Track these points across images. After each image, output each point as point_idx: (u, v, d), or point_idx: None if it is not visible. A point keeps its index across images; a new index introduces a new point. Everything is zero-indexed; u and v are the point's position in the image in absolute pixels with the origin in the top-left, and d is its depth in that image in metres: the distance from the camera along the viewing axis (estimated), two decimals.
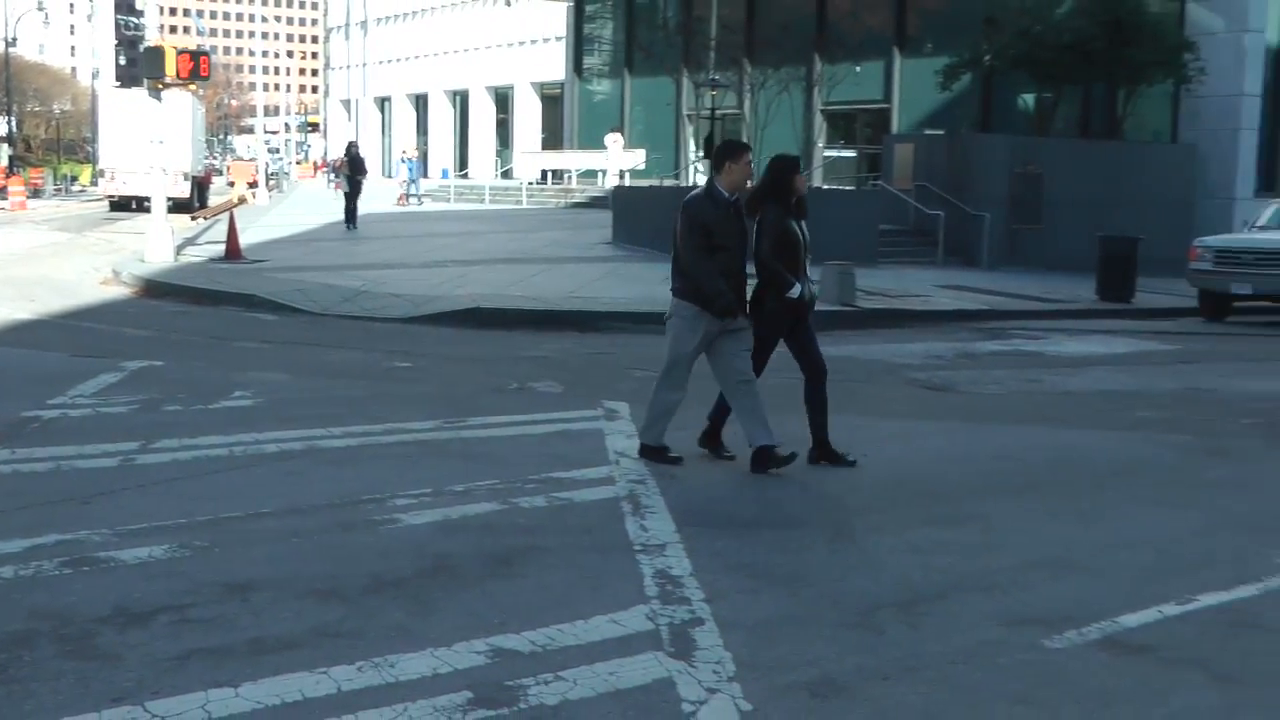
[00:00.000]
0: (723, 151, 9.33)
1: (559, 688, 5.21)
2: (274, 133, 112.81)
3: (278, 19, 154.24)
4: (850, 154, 44.99)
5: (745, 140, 22.15)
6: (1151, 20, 34.02)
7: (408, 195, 49.46)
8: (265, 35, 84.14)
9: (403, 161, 52.30)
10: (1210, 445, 11.48)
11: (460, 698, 5.08)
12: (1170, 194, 34.67)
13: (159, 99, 25.90)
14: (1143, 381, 15.39)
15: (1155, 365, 17.15)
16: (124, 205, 45.30)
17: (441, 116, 78.93)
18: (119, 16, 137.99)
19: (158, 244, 24.44)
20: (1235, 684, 5.80)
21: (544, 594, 6.37)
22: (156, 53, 24.56)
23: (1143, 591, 6.96)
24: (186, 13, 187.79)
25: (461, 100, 76.71)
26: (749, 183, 9.42)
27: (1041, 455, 10.54)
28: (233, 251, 24.86)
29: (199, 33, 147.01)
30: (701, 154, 41.30)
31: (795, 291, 9.28)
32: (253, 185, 52.68)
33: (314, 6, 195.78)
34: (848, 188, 39.14)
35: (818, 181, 41.75)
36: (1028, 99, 38.64)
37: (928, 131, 37.02)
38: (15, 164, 69.96)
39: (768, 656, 5.70)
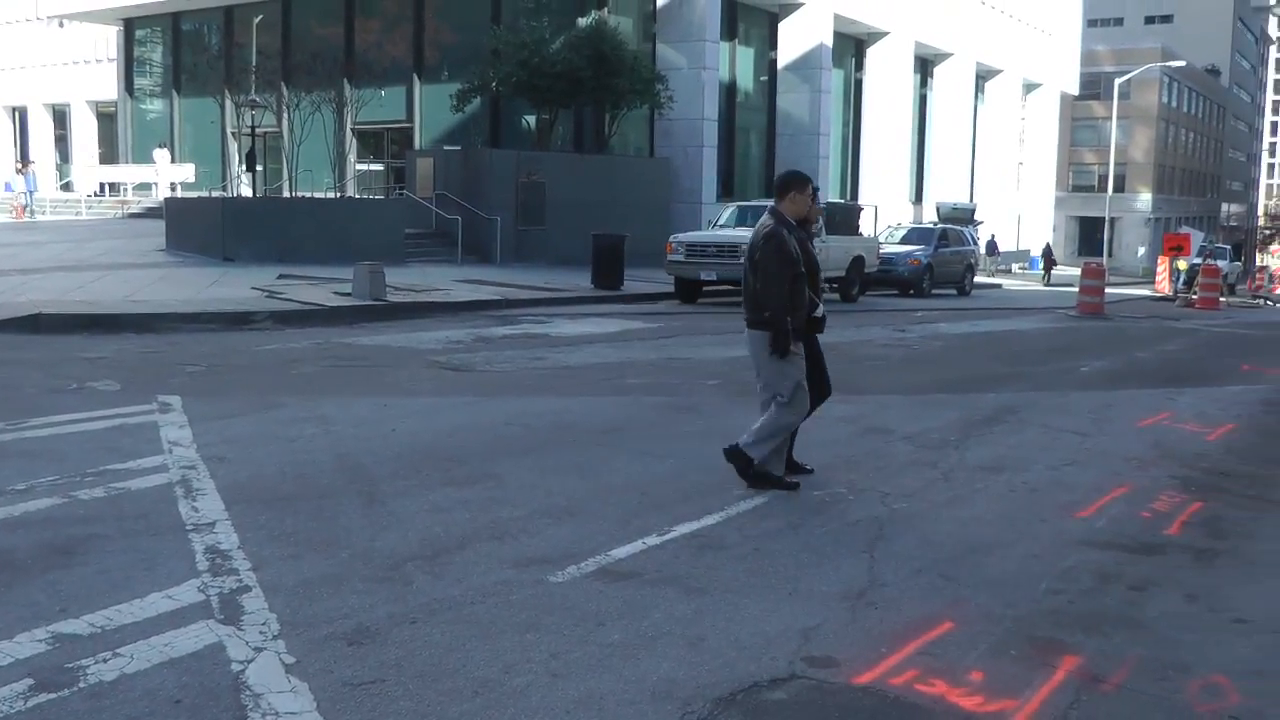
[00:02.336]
0: (789, 181, 8.43)
1: (117, 664, 4.90)
2: None
3: None
4: (379, 167, 44.65)
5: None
6: (629, 56, 35.32)
7: (25, 208, 44.95)
8: None
9: (18, 173, 47.67)
10: (683, 404, 12.02)
11: (21, 685, 4.68)
12: (650, 199, 36.22)
13: None
14: (630, 354, 15.93)
15: (640, 341, 17.77)
16: None
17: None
18: None
19: None
20: (703, 594, 6.10)
21: (103, 579, 5.98)
22: None
23: (629, 527, 7.21)
24: None
25: (20, 116, 71.26)
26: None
27: (546, 420, 10.72)
28: None
29: None
30: (244, 167, 40.06)
31: (818, 311, 8.58)
32: None
33: None
34: (378, 197, 38.81)
35: (351, 192, 41.21)
36: (530, 119, 39.35)
37: (446, 147, 37.13)
38: None
39: (308, 613, 5.57)
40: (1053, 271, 55.46)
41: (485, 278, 26.47)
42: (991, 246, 58.44)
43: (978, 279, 39.77)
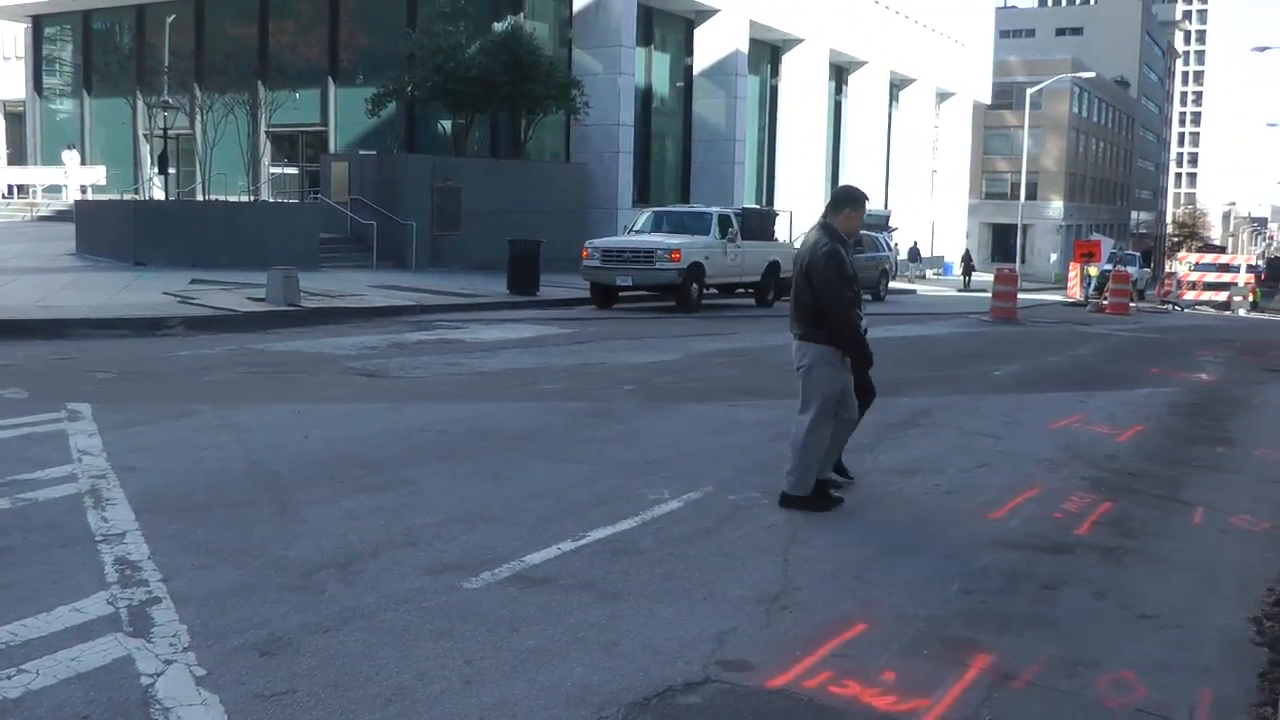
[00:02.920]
0: (847, 198, 8.36)
1: (21, 680, 4.79)
2: None
3: None
4: (294, 171, 44.24)
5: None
6: (545, 61, 35.32)
7: None
8: None
9: None
10: (598, 409, 12.02)
11: None
12: (566, 204, 36.21)
13: None
14: (545, 360, 15.91)
15: (555, 346, 17.75)
16: None
17: None
18: None
19: None
20: (618, 599, 6.10)
21: (9, 592, 5.83)
22: None
23: (544, 533, 7.19)
24: None
25: None
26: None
27: (461, 426, 10.67)
28: None
29: None
30: (157, 170, 39.53)
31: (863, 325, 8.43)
32: None
33: None
34: (292, 201, 38.43)
35: (265, 196, 40.83)
36: (446, 124, 39.17)
37: (361, 151, 36.92)
38: None
39: (219, 624, 5.48)
40: (971, 276, 56.21)
41: (401, 283, 26.30)
42: (914, 253, 59.46)
43: (893, 284, 40.18)
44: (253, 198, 35.80)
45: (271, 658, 5.13)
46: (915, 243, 61.10)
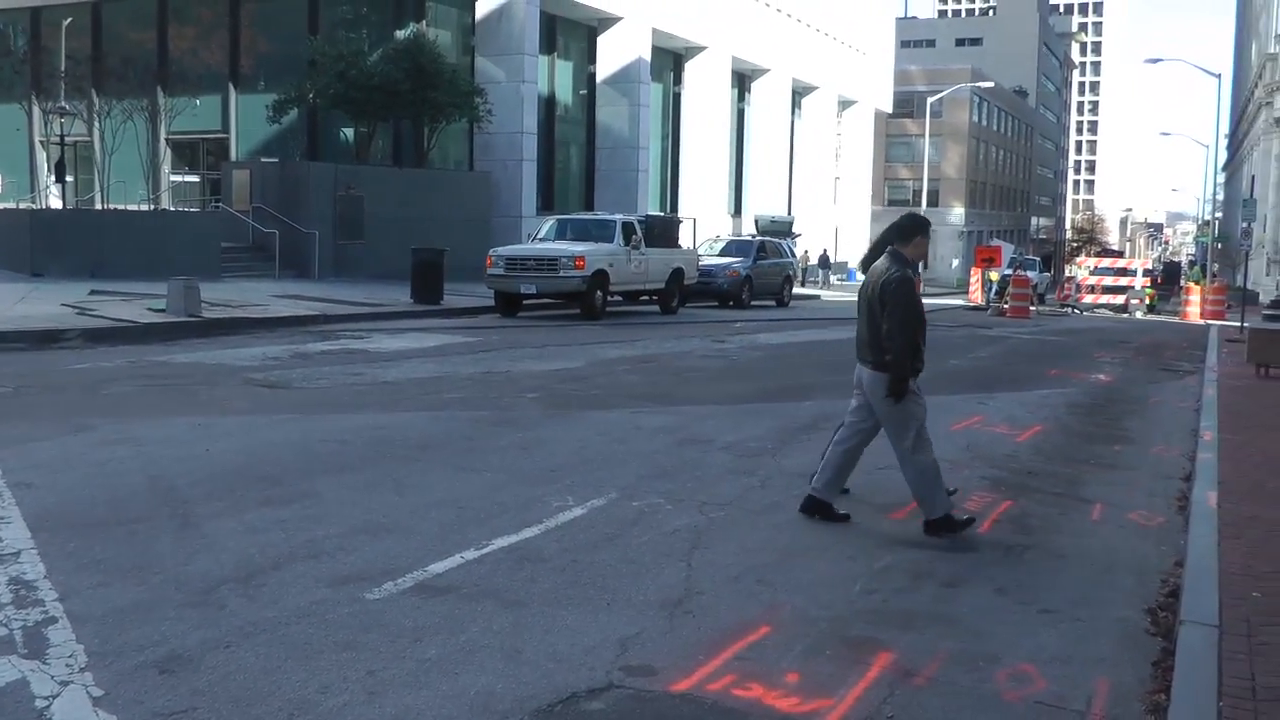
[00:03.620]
0: (916, 226, 8.23)
1: None
2: None
3: None
4: (195, 179, 43.54)
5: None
6: (448, 69, 35.15)
7: None
8: None
9: None
10: (502, 417, 11.98)
11: None
12: (470, 213, 36.10)
13: None
14: (449, 368, 15.83)
15: (460, 355, 17.66)
16: None
17: None
18: None
19: None
20: (521, 606, 6.09)
21: None
22: None
23: (448, 542, 7.17)
24: None
25: None
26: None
27: (364, 437, 10.59)
28: None
29: None
30: (54, 177, 38.72)
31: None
32: None
33: None
34: (193, 210, 37.87)
35: (166, 204, 40.17)
36: (348, 132, 38.87)
37: (263, 159, 36.53)
38: None
39: (118, 643, 5.38)
40: None
41: (303, 293, 26.04)
42: (825, 260, 60.20)
43: (797, 290, 40.53)
44: (153, 206, 35.21)
45: (171, 675, 5.05)
46: (825, 250, 61.88)
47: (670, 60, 50.62)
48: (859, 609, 6.31)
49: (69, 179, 39.00)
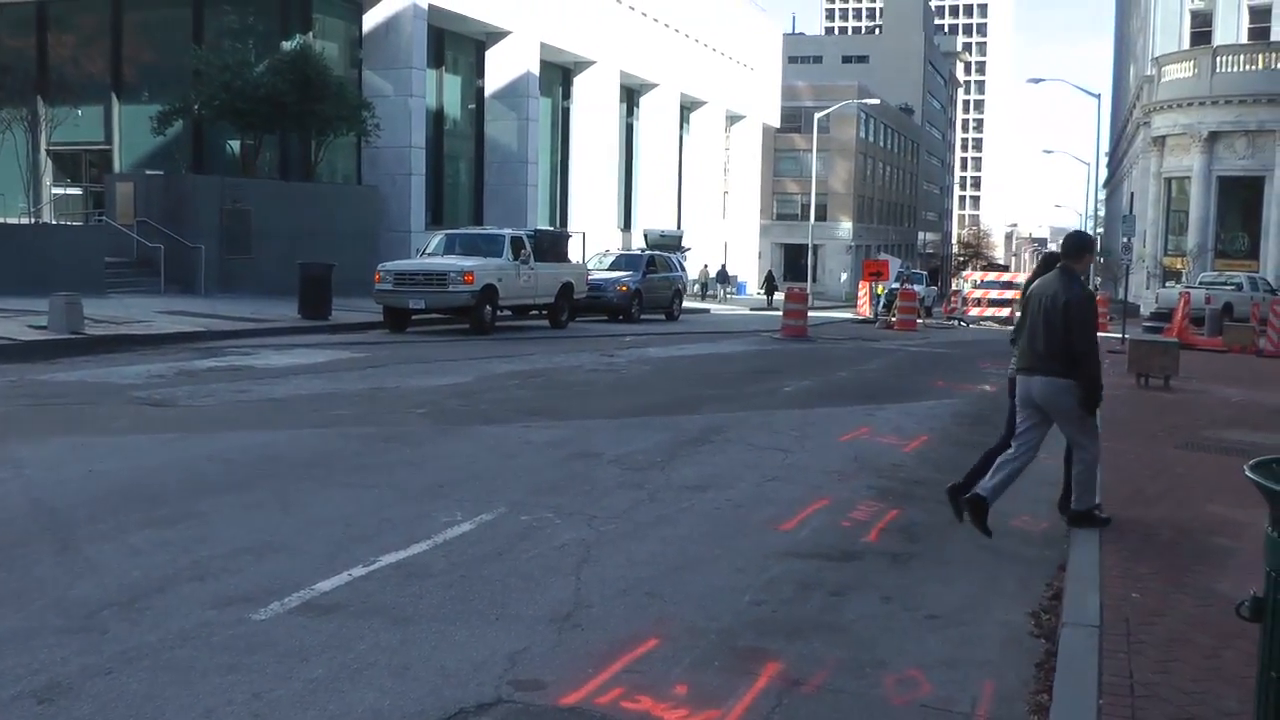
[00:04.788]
0: (1085, 244, 8.61)
1: None
2: None
3: None
4: (77, 191, 42.58)
5: None
6: (335, 82, 34.83)
7: None
8: None
9: None
10: (390, 433, 11.90)
11: None
12: (359, 227, 35.82)
13: None
14: (337, 385, 15.67)
15: (348, 371, 17.50)
16: None
17: None
18: None
19: None
20: (409, 623, 6.07)
21: None
22: None
23: (335, 560, 7.10)
24: None
25: None
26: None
27: (251, 455, 10.45)
28: None
29: None
30: None
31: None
32: None
33: None
34: (75, 223, 36.97)
35: (47, 218, 39.22)
36: (234, 144, 38.31)
37: (148, 172, 35.85)
38: None
39: None
40: (775, 295, 57.51)
41: (189, 309, 25.60)
42: (723, 275, 60.90)
43: (693, 303, 40.77)
44: (33, 219, 34.32)
45: (50, 705, 4.93)
46: (723, 264, 62.60)
47: (559, 75, 50.69)
48: (747, 620, 6.37)
49: None
